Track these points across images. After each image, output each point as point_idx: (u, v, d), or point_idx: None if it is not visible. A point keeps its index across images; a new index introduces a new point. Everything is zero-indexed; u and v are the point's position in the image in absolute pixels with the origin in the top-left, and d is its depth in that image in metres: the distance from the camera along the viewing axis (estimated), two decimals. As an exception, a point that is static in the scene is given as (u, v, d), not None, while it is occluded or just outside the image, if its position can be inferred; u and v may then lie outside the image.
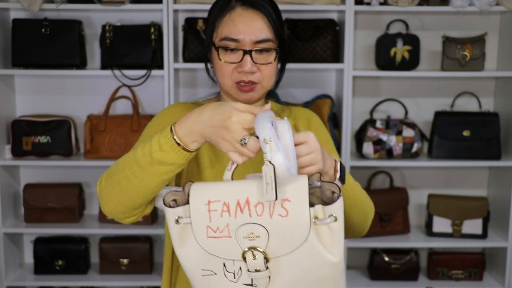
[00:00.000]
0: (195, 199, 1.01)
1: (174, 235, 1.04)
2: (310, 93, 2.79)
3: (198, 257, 1.03)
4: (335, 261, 0.99)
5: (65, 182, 2.81)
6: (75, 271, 2.75)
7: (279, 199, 0.97)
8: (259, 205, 0.97)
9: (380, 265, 2.76)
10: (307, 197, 0.98)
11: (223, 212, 0.99)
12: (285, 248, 0.99)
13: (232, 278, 1.03)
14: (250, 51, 1.25)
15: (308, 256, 0.99)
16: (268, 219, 0.97)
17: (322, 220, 0.97)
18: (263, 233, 0.98)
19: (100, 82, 2.77)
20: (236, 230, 0.99)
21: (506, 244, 2.69)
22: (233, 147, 1.01)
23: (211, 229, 1.00)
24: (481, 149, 2.67)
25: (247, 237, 0.99)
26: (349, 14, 2.52)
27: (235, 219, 0.98)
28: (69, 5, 2.56)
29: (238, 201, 0.98)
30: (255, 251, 0.99)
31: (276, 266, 1.00)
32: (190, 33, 2.60)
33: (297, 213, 0.97)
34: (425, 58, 2.79)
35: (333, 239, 0.99)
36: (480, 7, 2.54)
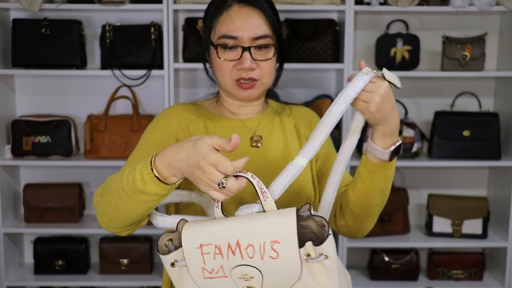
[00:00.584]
0: (187, 243, 1.01)
1: (172, 277, 1.06)
2: (310, 93, 2.79)
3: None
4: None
5: (65, 182, 2.81)
6: (75, 271, 2.75)
7: (269, 240, 0.96)
8: (250, 247, 0.97)
9: (380, 265, 2.76)
10: (296, 237, 0.96)
11: (215, 254, 0.99)
12: (280, 286, 1.00)
13: None
14: (249, 47, 1.25)
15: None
16: (259, 261, 0.98)
17: (314, 258, 0.97)
18: (256, 274, 0.99)
19: (100, 82, 2.77)
20: (231, 270, 1.00)
21: (506, 244, 2.69)
22: (211, 187, 0.99)
23: (206, 270, 1.01)
24: (481, 149, 2.67)
25: (241, 277, 1.00)
26: (349, 14, 2.53)
27: (228, 261, 0.99)
28: (69, 5, 2.56)
29: (229, 244, 0.98)
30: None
31: None
32: (190, 33, 2.60)
33: (288, 254, 0.97)
34: (425, 58, 2.79)
35: (327, 275, 0.99)
36: (480, 7, 2.54)
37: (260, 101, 1.39)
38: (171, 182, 1.04)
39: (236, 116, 1.36)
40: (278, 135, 1.36)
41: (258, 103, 1.38)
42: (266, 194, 1.00)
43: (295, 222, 0.96)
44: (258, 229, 0.98)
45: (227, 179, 0.97)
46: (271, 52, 1.28)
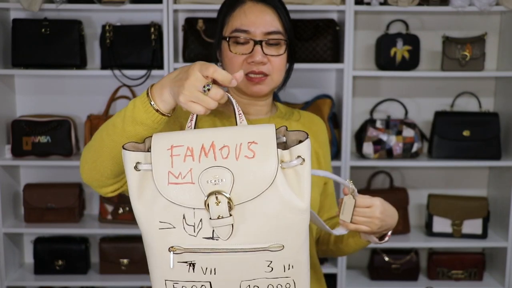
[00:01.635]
0: (156, 144, 0.96)
1: (131, 184, 0.97)
2: (310, 93, 2.79)
3: (156, 208, 0.96)
4: (302, 206, 0.95)
5: (65, 182, 2.80)
6: (75, 271, 2.75)
7: (246, 141, 0.94)
8: (225, 148, 0.93)
9: (380, 265, 2.76)
10: (274, 139, 0.94)
11: (186, 156, 0.94)
12: (251, 192, 0.93)
13: (192, 232, 0.96)
14: (260, 41, 1.26)
15: (274, 200, 0.94)
16: (234, 162, 0.93)
17: (289, 162, 0.94)
18: (228, 176, 0.93)
19: (100, 82, 2.77)
20: (200, 175, 0.93)
21: (506, 244, 2.69)
22: (191, 96, 0.97)
23: (172, 175, 0.94)
24: (481, 149, 2.67)
25: (211, 181, 0.93)
26: (349, 14, 2.53)
27: (199, 163, 0.93)
28: (69, 5, 2.56)
29: (203, 145, 0.94)
30: (219, 196, 0.92)
31: (240, 214, 0.94)
32: (190, 33, 2.60)
33: (264, 154, 0.93)
34: (425, 58, 2.79)
35: (300, 184, 0.94)
36: (480, 7, 2.54)
37: (267, 101, 1.38)
38: (160, 107, 1.03)
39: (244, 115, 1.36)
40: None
41: (265, 103, 1.38)
42: (241, 116, 1.02)
43: (274, 129, 0.96)
44: (235, 132, 0.96)
45: (213, 85, 0.97)
46: (282, 48, 1.29)
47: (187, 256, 0.97)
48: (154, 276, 1.00)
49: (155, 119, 1.05)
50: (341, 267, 2.69)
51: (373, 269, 2.79)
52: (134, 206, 0.98)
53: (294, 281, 0.99)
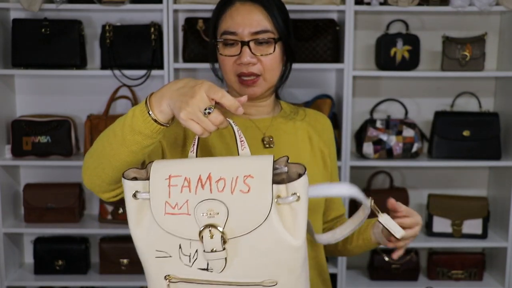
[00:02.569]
0: (155, 173, 0.96)
1: (130, 211, 0.99)
2: (310, 93, 2.79)
3: (153, 237, 0.98)
4: (296, 244, 0.94)
5: (65, 182, 2.80)
6: (75, 271, 2.75)
7: (242, 174, 0.93)
8: (221, 181, 0.93)
9: (380, 265, 2.76)
10: (270, 174, 0.93)
11: (183, 187, 0.94)
12: (244, 227, 0.93)
13: (187, 262, 0.97)
14: (247, 42, 1.25)
15: (268, 236, 0.93)
16: (229, 195, 0.93)
17: (285, 198, 0.93)
18: (222, 210, 0.93)
19: (100, 82, 2.77)
20: (196, 207, 0.94)
21: (506, 244, 2.69)
22: (193, 115, 0.97)
23: (169, 205, 0.95)
24: (481, 149, 2.67)
25: (206, 214, 0.93)
26: (349, 14, 2.52)
27: (195, 195, 0.94)
28: (69, 5, 2.56)
29: (200, 176, 0.94)
30: (212, 229, 0.93)
31: (234, 248, 0.94)
32: (190, 33, 2.60)
33: (259, 189, 0.92)
34: (425, 58, 2.79)
35: (295, 221, 0.94)
36: (480, 7, 2.54)
37: (269, 101, 1.37)
38: (158, 118, 1.03)
39: (247, 116, 1.36)
40: (290, 139, 1.35)
41: (266, 103, 1.37)
42: (244, 143, 1.02)
43: (272, 161, 0.95)
44: (232, 164, 0.95)
45: (215, 109, 0.97)
46: (272, 47, 1.28)
47: (182, 286, 0.98)
48: None
49: (153, 129, 1.05)
50: (341, 267, 2.69)
51: (373, 269, 2.79)
52: (132, 233, 1.00)
53: None
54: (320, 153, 1.39)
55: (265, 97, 1.35)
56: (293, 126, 1.38)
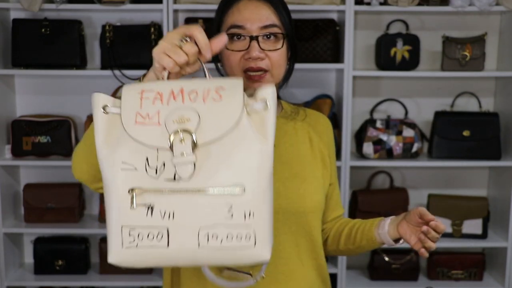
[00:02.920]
0: (127, 89, 0.98)
1: (98, 126, 0.98)
2: (310, 93, 2.79)
3: (121, 150, 0.96)
4: (266, 149, 0.96)
5: (65, 182, 2.80)
6: (75, 271, 2.75)
7: (214, 86, 0.96)
8: (193, 93, 0.95)
9: (380, 265, 2.76)
10: (241, 85, 0.97)
11: (155, 99, 0.96)
12: (215, 133, 0.94)
13: (154, 174, 0.95)
14: (256, 36, 1.24)
15: (238, 142, 0.95)
16: (201, 104, 0.95)
17: (253, 105, 0.96)
18: (194, 117, 0.94)
19: (100, 82, 2.77)
20: (166, 116, 0.95)
21: (506, 244, 2.69)
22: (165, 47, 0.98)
23: (140, 115, 0.96)
24: (481, 149, 2.67)
25: (177, 121, 0.94)
26: (349, 14, 2.53)
27: (167, 105, 0.95)
28: (69, 5, 2.56)
29: (172, 90, 0.96)
30: (183, 134, 0.93)
31: (204, 154, 0.94)
32: (190, 33, 2.60)
33: (231, 96, 0.95)
34: (425, 58, 2.79)
35: (264, 127, 0.96)
36: (480, 7, 2.54)
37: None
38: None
39: None
40: (291, 140, 1.35)
41: None
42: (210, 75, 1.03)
43: (242, 79, 0.98)
44: (206, 81, 0.98)
45: (189, 41, 0.99)
46: (280, 42, 1.27)
47: (147, 198, 0.95)
48: (110, 223, 0.98)
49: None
50: (341, 267, 2.69)
51: (373, 269, 2.79)
52: (98, 149, 0.98)
53: (255, 232, 0.95)
54: (320, 153, 1.39)
55: None
56: (294, 127, 1.38)
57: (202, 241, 0.94)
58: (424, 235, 1.22)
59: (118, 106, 0.98)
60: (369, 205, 2.70)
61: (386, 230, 1.31)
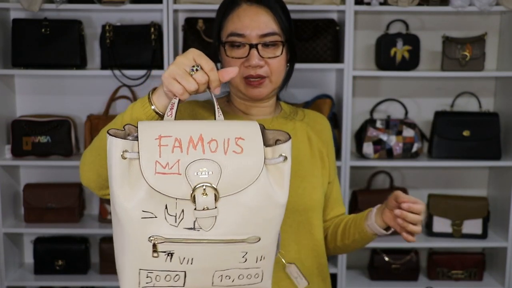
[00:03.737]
0: (144, 133, 0.96)
1: (116, 172, 0.96)
2: (310, 93, 2.79)
3: (139, 197, 0.95)
4: (282, 201, 0.99)
5: (65, 182, 2.80)
6: (75, 271, 2.75)
7: (234, 137, 0.97)
8: (213, 142, 0.95)
9: (380, 265, 2.76)
10: (261, 136, 0.98)
11: (174, 147, 0.95)
12: (236, 186, 0.96)
13: (173, 222, 0.96)
14: (256, 44, 1.25)
15: (257, 195, 0.97)
16: (222, 156, 0.95)
17: (272, 159, 0.98)
18: (216, 169, 0.94)
19: (100, 82, 2.77)
20: (187, 166, 0.94)
21: (506, 244, 2.69)
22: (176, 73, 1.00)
23: (160, 164, 0.94)
24: (481, 149, 2.67)
25: (198, 173, 0.94)
26: (349, 14, 2.53)
27: (186, 155, 0.94)
28: (69, 5, 2.56)
29: (191, 137, 0.95)
30: (207, 187, 0.94)
31: (224, 206, 0.96)
32: (190, 33, 2.60)
33: (252, 150, 0.97)
34: (425, 58, 2.79)
35: (282, 180, 0.99)
36: (480, 7, 2.54)
37: (271, 102, 1.38)
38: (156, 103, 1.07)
39: (248, 116, 1.36)
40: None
41: (268, 104, 1.37)
42: (219, 111, 1.06)
43: (258, 126, 1.00)
44: (222, 127, 0.98)
45: (200, 70, 1.00)
46: (279, 49, 1.28)
47: (167, 246, 0.97)
48: (127, 265, 0.99)
49: (149, 115, 1.07)
50: (341, 267, 2.69)
51: (373, 269, 2.79)
52: (115, 195, 0.96)
53: (263, 271, 1.02)
54: (318, 153, 1.39)
55: (268, 98, 1.35)
56: (293, 127, 1.39)
57: (216, 281, 1.01)
58: (402, 219, 1.22)
59: (136, 151, 0.96)
60: (369, 205, 2.65)
61: (373, 220, 1.32)
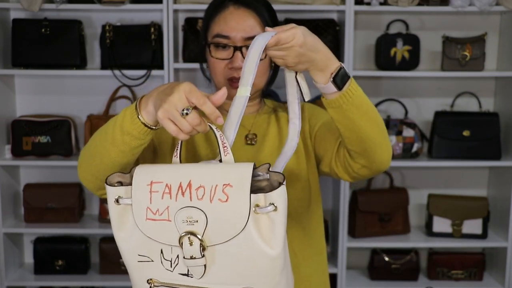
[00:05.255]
0: (137, 179, 0.97)
1: (113, 216, 1.00)
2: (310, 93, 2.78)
3: (135, 241, 0.99)
4: (273, 254, 0.95)
5: (65, 182, 2.80)
6: (75, 271, 2.75)
7: (221, 183, 0.94)
8: (200, 189, 0.94)
9: (380, 265, 2.76)
10: (249, 183, 0.93)
11: (164, 194, 0.95)
12: (222, 236, 0.94)
13: (169, 267, 0.99)
14: (240, 47, 1.26)
15: (245, 246, 0.95)
16: (207, 204, 0.93)
17: (263, 208, 0.93)
18: (201, 218, 0.94)
19: (100, 82, 2.77)
20: (176, 213, 0.95)
21: (506, 244, 2.69)
22: (169, 113, 0.97)
23: (151, 211, 0.96)
24: (481, 149, 2.67)
25: (185, 221, 0.94)
26: (349, 14, 2.52)
27: (175, 201, 0.95)
28: (69, 5, 2.56)
29: (181, 184, 0.95)
30: (192, 237, 0.94)
31: (212, 255, 0.96)
32: (190, 33, 2.60)
33: (237, 198, 0.93)
34: (425, 58, 2.79)
35: (272, 231, 0.94)
36: (480, 7, 2.54)
37: (255, 102, 1.39)
38: (145, 121, 1.05)
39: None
40: (273, 131, 1.36)
41: (253, 103, 1.38)
42: (227, 149, 1.00)
43: (251, 171, 0.95)
44: (213, 173, 0.96)
45: (193, 110, 0.97)
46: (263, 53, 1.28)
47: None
48: None
49: (140, 130, 1.06)
50: (341, 267, 2.69)
51: (373, 269, 2.79)
52: (115, 237, 1.01)
53: None
54: (302, 140, 1.36)
55: (251, 99, 1.35)
56: (276, 117, 1.39)
57: None
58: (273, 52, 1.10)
59: (130, 196, 0.98)
60: (369, 205, 2.71)
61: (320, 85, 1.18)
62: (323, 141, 1.33)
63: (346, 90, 1.13)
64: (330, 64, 1.13)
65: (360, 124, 1.15)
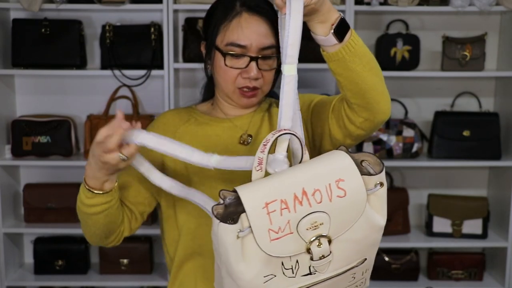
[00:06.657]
0: (250, 206, 0.95)
1: (232, 251, 0.96)
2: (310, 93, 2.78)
3: (259, 266, 0.98)
4: (383, 223, 1.05)
5: (65, 182, 2.80)
6: (75, 271, 2.75)
7: (333, 180, 0.98)
8: (317, 192, 0.97)
9: (380, 265, 2.76)
10: (357, 171, 0.99)
11: (282, 210, 0.95)
12: (345, 225, 0.99)
13: (291, 274, 1.00)
14: (257, 58, 1.25)
15: (365, 226, 1.02)
16: (328, 204, 0.97)
17: (372, 190, 1.01)
18: (325, 218, 0.97)
19: (100, 82, 2.77)
20: (298, 223, 0.96)
21: (506, 244, 2.69)
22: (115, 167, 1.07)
23: (273, 231, 0.96)
24: (481, 149, 2.67)
25: (310, 227, 0.96)
26: (349, 14, 2.53)
27: (295, 213, 0.96)
28: (69, 5, 2.56)
29: (295, 195, 0.96)
30: (321, 239, 0.97)
31: (335, 246, 1.00)
32: (190, 33, 2.60)
33: (354, 189, 0.99)
34: (425, 58, 2.79)
35: (381, 204, 1.03)
36: (480, 7, 2.54)
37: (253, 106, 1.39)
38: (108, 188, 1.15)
39: (227, 116, 1.36)
40: (266, 129, 1.36)
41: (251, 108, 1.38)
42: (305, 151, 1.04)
43: (350, 158, 1.01)
44: (318, 174, 0.98)
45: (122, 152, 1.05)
46: (275, 62, 1.30)
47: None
48: None
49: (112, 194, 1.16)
50: (341, 267, 2.69)
51: (373, 269, 2.78)
52: (234, 272, 0.98)
53: (366, 278, 1.14)
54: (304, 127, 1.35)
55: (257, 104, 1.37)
56: (268, 115, 1.38)
57: None
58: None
59: (246, 226, 0.96)
60: (369, 205, 2.71)
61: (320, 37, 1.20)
62: (319, 114, 1.33)
63: (347, 41, 1.14)
64: (331, 16, 1.14)
65: (364, 75, 1.18)
